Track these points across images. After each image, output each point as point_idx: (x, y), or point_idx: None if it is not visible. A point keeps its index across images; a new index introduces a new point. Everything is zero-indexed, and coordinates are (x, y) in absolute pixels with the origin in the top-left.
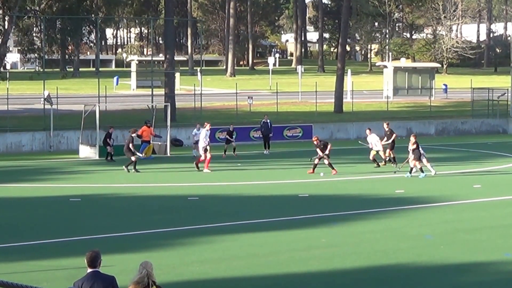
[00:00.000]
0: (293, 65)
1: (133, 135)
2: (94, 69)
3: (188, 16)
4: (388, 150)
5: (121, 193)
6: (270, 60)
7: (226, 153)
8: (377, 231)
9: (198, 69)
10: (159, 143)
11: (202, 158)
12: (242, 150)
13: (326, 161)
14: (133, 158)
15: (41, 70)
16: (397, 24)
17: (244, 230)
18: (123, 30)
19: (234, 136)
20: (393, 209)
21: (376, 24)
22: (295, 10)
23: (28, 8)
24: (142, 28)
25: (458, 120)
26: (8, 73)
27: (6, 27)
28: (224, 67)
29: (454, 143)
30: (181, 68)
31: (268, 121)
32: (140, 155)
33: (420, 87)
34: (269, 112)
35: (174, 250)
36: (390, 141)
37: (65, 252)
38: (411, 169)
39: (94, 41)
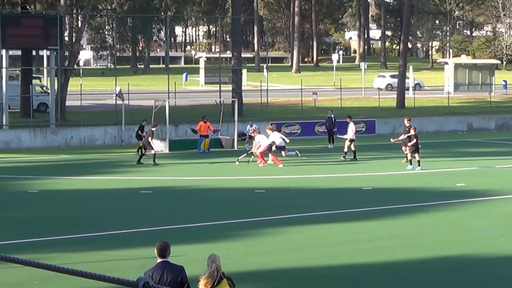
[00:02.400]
0: (356, 62)
1: (153, 129)
2: (164, 66)
3: (254, 14)
4: (403, 147)
5: (189, 186)
6: (334, 57)
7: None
8: (439, 223)
9: (264, 65)
10: (226, 138)
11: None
12: (307, 145)
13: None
14: (152, 151)
15: (113, 66)
16: (457, 22)
17: (309, 221)
18: (191, 28)
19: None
20: (454, 201)
21: (437, 22)
22: (358, 8)
23: (100, 7)
24: (210, 26)
25: None
26: (81, 70)
27: (79, 25)
28: (290, 63)
29: None
30: (247, 64)
31: (332, 116)
32: (201, 150)
33: (480, 83)
34: (333, 108)
35: (240, 241)
36: (405, 136)
37: (136, 242)
38: (410, 160)
39: (164, 38)
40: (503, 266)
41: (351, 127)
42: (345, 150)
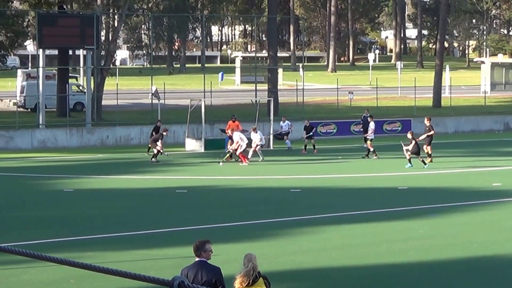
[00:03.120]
0: (393, 61)
1: (164, 133)
2: (200, 65)
3: (290, 13)
4: (425, 146)
5: (225, 185)
6: (370, 56)
7: (307, 148)
8: (474, 223)
9: (300, 65)
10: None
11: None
12: (342, 144)
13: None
14: (155, 151)
15: (149, 66)
16: (494, 21)
17: (344, 221)
18: (227, 27)
19: (311, 132)
20: (490, 201)
21: (474, 21)
22: (394, 8)
23: (136, 6)
24: (246, 26)
25: None
26: (117, 69)
27: (116, 25)
28: (326, 63)
29: None
30: (283, 64)
31: (369, 115)
32: (229, 149)
33: None
34: (369, 107)
35: (275, 240)
36: (425, 136)
37: (172, 241)
38: (410, 159)
39: (200, 38)
40: None
41: (371, 126)
42: (371, 149)
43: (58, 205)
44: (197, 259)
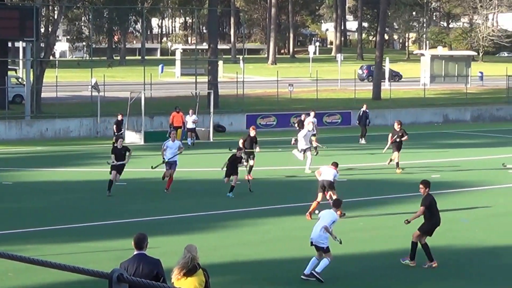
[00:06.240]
0: (333, 54)
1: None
2: (140, 57)
3: (231, 6)
4: (395, 152)
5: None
6: (311, 48)
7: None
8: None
9: (241, 57)
10: (202, 129)
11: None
12: (282, 136)
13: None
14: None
15: (89, 58)
16: (434, 13)
17: (285, 213)
18: (168, 20)
19: None
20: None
21: (414, 13)
22: (335, 0)
23: None
24: (187, 18)
25: (493, 107)
26: (57, 61)
27: (55, 17)
28: (266, 55)
29: (489, 129)
30: (224, 56)
31: (367, 110)
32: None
33: (456, 74)
34: (309, 99)
35: (216, 233)
36: (395, 139)
37: (111, 234)
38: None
39: (140, 30)
40: (478, 256)
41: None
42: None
43: None
44: (136, 252)
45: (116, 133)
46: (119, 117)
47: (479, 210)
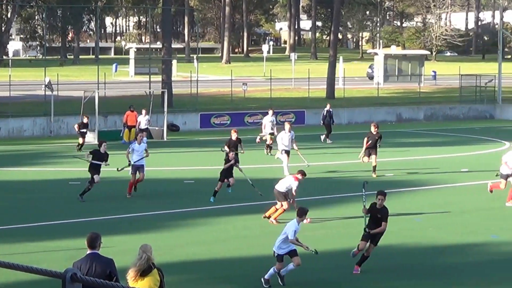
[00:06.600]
0: (287, 53)
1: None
2: (93, 56)
3: (185, 5)
4: (373, 156)
5: (119, 177)
6: (265, 47)
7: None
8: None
9: (195, 56)
10: (156, 128)
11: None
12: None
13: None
14: (80, 141)
15: (42, 57)
16: (388, 13)
17: (239, 212)
18: (122, 19)
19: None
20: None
21: (368, 12)
22: None
23: None
24: (141, 17)
25: (446, 106)
26: (10, 60)
27: (9, 15)
28: (220, 54)
29: (442, 128)
30: (178, 55)
31: (331, 110)
32: (124, 141)
33: (409, 73)
34: (263, 98)
35: (170, 232)
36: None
37: (65, 234)
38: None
39: (94, 29)
40: (431, 255)
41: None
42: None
43: None
44: (89, 251)
45: (78, 131)
46: (85, 120)
47: (432, 209)
